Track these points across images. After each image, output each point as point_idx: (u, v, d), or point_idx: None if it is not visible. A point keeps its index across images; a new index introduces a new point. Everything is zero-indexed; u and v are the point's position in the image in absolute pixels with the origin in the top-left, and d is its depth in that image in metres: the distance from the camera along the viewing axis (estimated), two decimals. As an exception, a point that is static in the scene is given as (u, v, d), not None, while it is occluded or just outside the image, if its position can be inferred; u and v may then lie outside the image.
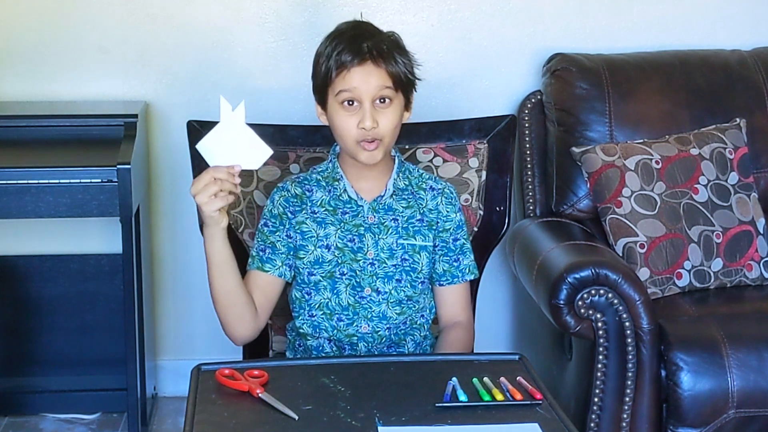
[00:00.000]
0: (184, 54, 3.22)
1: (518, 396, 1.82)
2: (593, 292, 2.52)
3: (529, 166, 3.11)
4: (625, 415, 2.56)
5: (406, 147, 2.46)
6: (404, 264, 2.19)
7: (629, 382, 2.55)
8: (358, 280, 2.18)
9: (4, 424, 3.23)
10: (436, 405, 1.78)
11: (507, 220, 2.48)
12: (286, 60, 3.25)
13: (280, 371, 1.91)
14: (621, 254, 2.77)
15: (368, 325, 2.19)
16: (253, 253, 2.20)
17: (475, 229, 2.46)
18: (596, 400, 2.58)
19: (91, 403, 3.29)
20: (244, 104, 1.96)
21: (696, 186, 2.86)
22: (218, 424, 1.73)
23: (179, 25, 3.21)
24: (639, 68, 3.08)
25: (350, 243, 2.18)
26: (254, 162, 1.99)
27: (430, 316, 2.28)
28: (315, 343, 2.21)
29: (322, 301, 2.19)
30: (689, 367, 2.52)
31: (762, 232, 2.89)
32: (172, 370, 3.37)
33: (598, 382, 2.57)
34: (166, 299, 3.38)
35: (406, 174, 2.24)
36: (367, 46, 2.09)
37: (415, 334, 2.24)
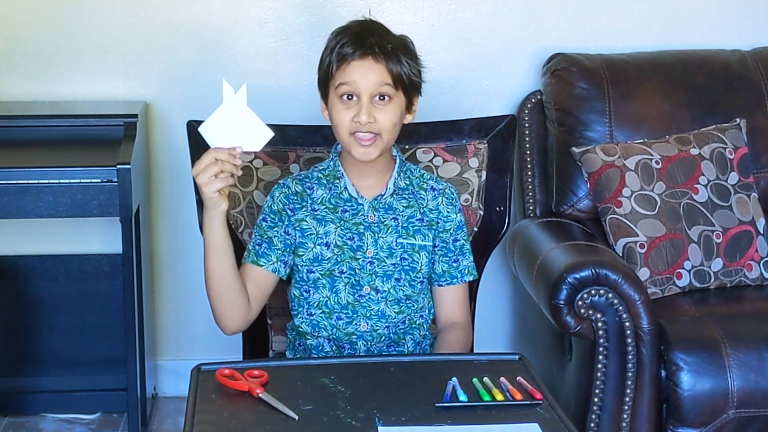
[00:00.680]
0: (184, 54, 3.22)
1: (518, 396, 1.81)
2: (593, 292, 2.52)
3: (529, 166, 3.11)
4: (625, 415, 2.56)
5: (406, 147, 2.46)
6: (403, 263, 2.19)
7: (629, 382, 2.55)
8: (357, 278, 2.18)
9: (4, 424, 3.23)
10: (436, 405, 1.78)
11: (507, 221, 2.48)
12: (286, 60, 3.25)
13: (280, 371, 1.91)
14: (621, 254, 2.77)
15: (367, 324, 2.19)
16: (249, 247, 2.20)
17: (475, 230, 2.46)
18: (596, 400, 2.57)
19: (91, 403, 3.28)
20: (245, 87, 1.97)
21: (696, 186, 2.86)
22: (218, 424, 1.73)
23: (179, 25, 3.21)
24: (639, 68, 3.08)
25: (350, 241, 2.18)
26: (255, 144, 2.00)
27: (430, 316, 2.28)
28: (315, 343, 2.21)
29: (321, 299, 2.19)
30: (689, 367, 2.52)
31: (762, 232, 2.89)
32: (172, 370, 3.37)
33: (598, 382, 2.57)
34: (166, 299, 3.38)
35: (407, 174, 2.24)
36: (370, 41, 2.09)
37: (415, 334, 2.24)
